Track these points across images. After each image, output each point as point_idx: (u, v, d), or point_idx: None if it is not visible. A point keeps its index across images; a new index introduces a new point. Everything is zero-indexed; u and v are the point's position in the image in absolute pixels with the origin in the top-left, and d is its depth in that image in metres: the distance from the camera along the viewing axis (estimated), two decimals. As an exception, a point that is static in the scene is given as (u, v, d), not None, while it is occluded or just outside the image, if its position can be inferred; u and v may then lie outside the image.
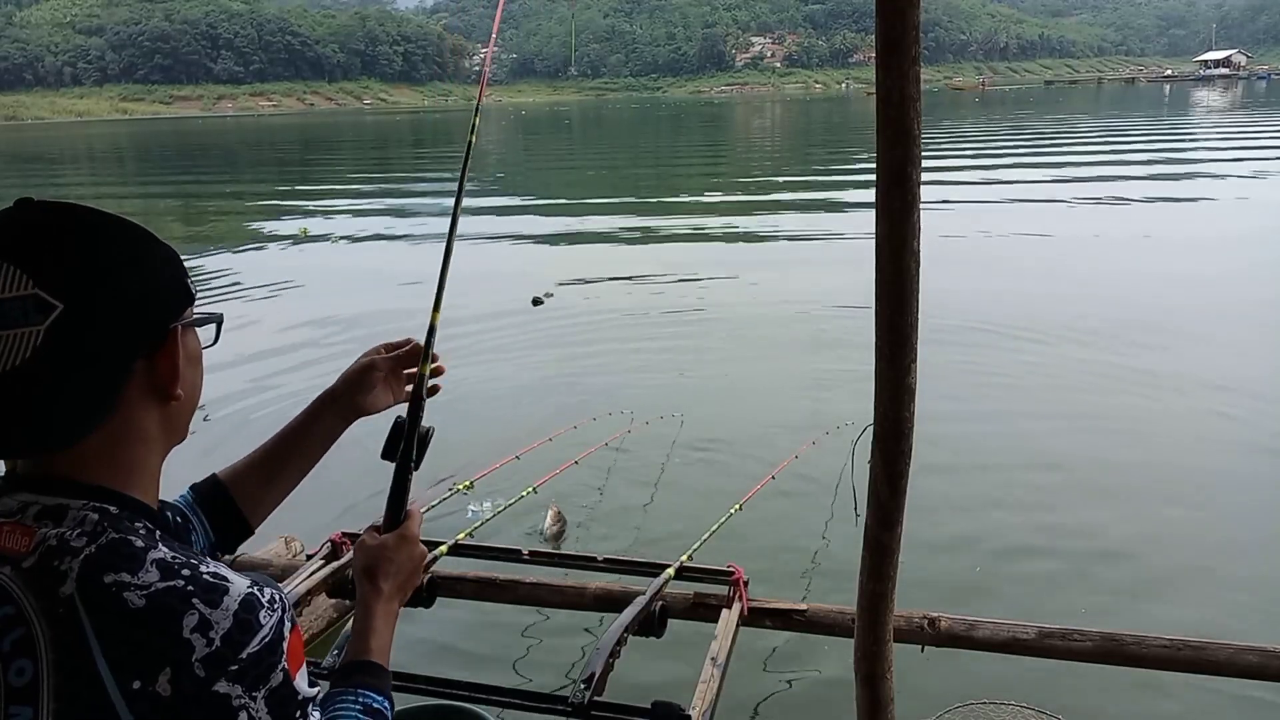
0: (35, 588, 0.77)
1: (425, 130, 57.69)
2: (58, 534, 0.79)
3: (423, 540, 1.21)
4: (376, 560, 1.14)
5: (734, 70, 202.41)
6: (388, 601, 1.13)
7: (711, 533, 2.75)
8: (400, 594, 1.16)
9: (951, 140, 27.57)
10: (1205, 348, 6.40)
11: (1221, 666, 2.16)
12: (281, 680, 0.81)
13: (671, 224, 13.65)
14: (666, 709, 1.84)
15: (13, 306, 0.79)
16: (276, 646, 0.81)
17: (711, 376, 6.12)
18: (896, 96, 1.25)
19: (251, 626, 0.79)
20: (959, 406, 5.25)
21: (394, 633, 1.14)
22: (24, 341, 0.79)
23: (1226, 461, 4.62)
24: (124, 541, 0.80)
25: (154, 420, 0.89)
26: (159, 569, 0.79)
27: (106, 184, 26.61)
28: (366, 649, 1.09)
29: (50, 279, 0.80)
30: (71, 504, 0.82)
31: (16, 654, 0.76)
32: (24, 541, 0.79)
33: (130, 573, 0.78)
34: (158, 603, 0.77)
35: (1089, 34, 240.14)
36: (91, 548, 0.78)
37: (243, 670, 0.78)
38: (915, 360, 1.40)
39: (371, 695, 1.04)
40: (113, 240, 0.86)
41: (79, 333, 0.81)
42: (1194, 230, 11.15)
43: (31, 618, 0.77)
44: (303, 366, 6.48)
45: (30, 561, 0.78)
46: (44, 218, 0.85)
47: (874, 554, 1.60)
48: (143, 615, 0.76)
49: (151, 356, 0.87)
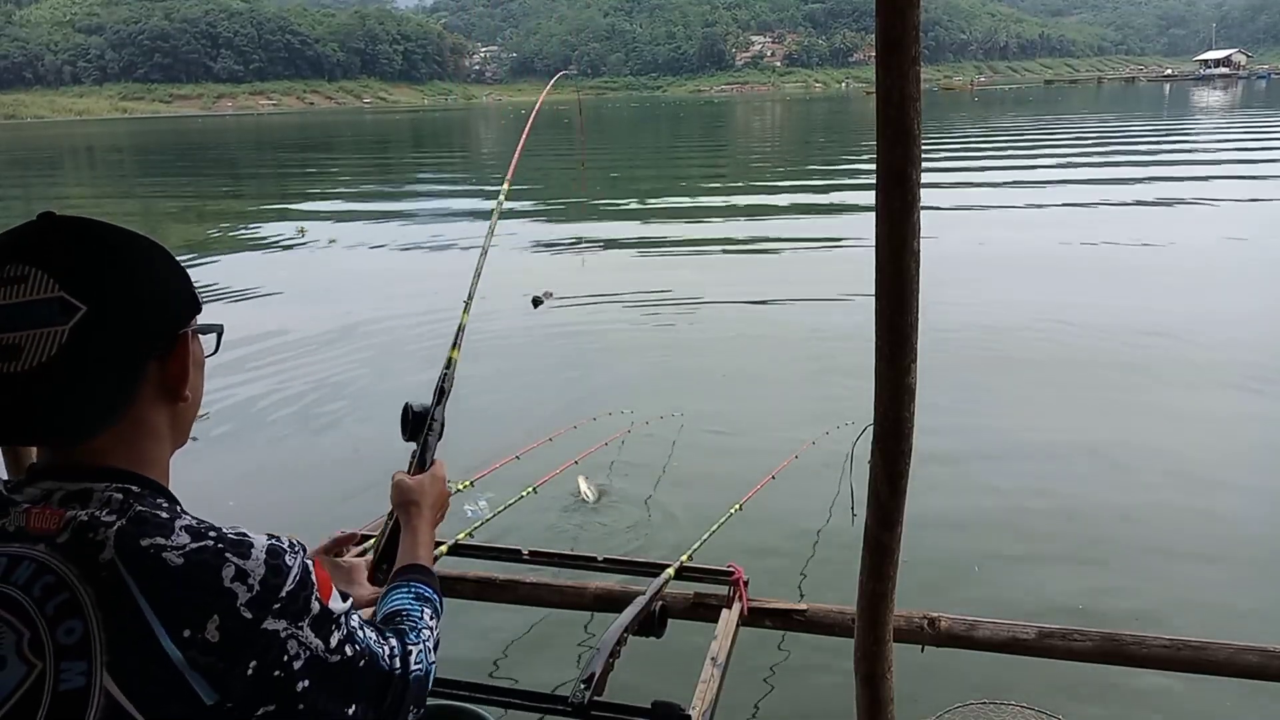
0: (74, 558, 0.83)
1: (425, 130, 57.72)
2: (86, 512, 0.85)
3: None
4: (414, 492, 1.36)
5: (734, 69, 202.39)
6: (427, 526, 1.35)
7: (711, 533, 2.75)
8: (435, 520, 1.38)
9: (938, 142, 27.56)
10: (1206, 347, 6.40)
11: (1221, 666, 2.16)
12: (319, 608, 0.91)
13: (671, 224, 13.65)
14: (666, 709, 1.84)
15: (40, 307, 0.86)
16: (307, 581, 0.90)
17: (712, 376, 6.12)
18: (896, 96, 1.24)
19: (281, 570, 0.88)
20: (959, 406, 5.25)
21: (433, 549, 1.35)
22: (50, 340, 0.86)
23: (1229, 460, 4.61)
24: (151, 514, 0.87)
25: (164, 419, 0.96)
26: (188, 533, 0.86)
27: (106, 184, 26.61)
28: (415, 556, 1.29)
29: (74, 283, 0.87)
30: (95, 487, 0.88)
31: (63, 616, 0.81)
32: (54, 522, 0.85)
33: (163, 537, 0.85)
34: (195, 560, 0.84)
35: (1089, 33, 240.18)
36: (122, 520, 0.85)
37: (284, 607, 0.87)
38: (915, 360, 1.40)
39: (421, 586, 1.22)
40: (130, 251, 0.93)
41: (100, 333, 0.87)
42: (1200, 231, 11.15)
43: (74, 583, 0.82)
44: (271, 373, 6.51)
45: (64, 538, 0.84)
46: (66, 229, 0.91)
47: (874, 554, 1.60)
48: (183, 571, 0.83)
49: (163, 359, 0.94)
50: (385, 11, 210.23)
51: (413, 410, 1.45)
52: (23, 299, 0.86)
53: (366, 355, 6.86)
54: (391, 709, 1.03)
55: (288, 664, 0.88)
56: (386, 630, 1.09)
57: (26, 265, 0.87)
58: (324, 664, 0.91)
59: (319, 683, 0.91)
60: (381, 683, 1.01)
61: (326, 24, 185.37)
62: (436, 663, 1.14)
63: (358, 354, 6.90)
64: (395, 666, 1.03)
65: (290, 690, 0.89)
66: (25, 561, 0.84)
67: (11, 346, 0.86)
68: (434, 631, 1.16)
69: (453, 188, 21.22)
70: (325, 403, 5.84)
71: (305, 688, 0.90)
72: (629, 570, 2.59)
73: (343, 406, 5.75)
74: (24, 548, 0.85)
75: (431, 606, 1.20)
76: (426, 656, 1.11)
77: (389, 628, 1.12)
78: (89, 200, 20.40)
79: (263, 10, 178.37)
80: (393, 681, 1.03)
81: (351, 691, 0.96)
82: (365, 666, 0.97)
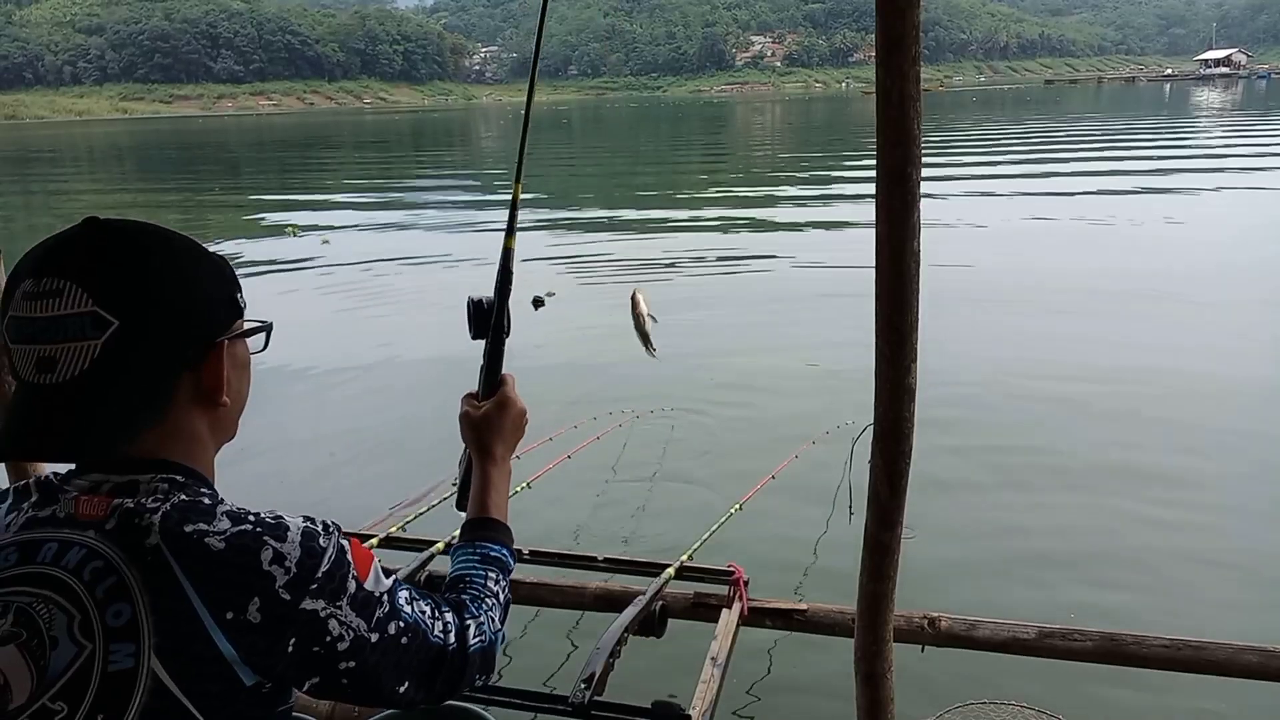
0: (121, 543, 0.86)
1: (425, 130, 57.72)
2: (134, 500, 0.88)
3: (419, 539, 1.28)
4: (483, 428, 1.27)
5: (734, 69, 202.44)
6: (500, 464, 1.27)
7: (711, 533, 2.74)
8: (510, 452, 1.29)
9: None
10: (1206, 347, 6.40)
11: (1221, 666, 2.16)
12: (356, 587, 0.93)
13: (671, 224, 13.65)
14: (666, 709, 1.84)
15: (74, 321, 0.88)
16: (342, 561, 0.92)
17: (712, 376, 6.11)
18: (896, 96, 1.25)
19: (316, 551, 0.90)
20: (960, 405, 5.25)
21: (509, 488, 1.29)
22: (84, 353, 0.88)
23: (1230, 458, 4.61)
24: (194, 501, 0.89)
25: (203, 423, 0.98)
26: (229, 518, 0.88)
27: (104, 184, 26.60)
28: (484, 508, 1.23)
29: (108, 298, 0.88)
30: (140, 478, 0.91)
31: (111, 599, 0.84)
32: (102, 509, 0.88)
33: (205, 523, 0.87)
34: (236, 544, 0.86)
35: (1089, 33, 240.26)
36: (166, 506, 0.87)
37: (321, 587, 0.89)
38: (915, 360, 1.40)
39: (488, 546, 1.19)
40: (167, 261, 0.93)
41: (132, 347, 0.89)
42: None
43: (122, 568, 0.85)
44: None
45: (111, 524, 0.87)
46: (106, 239, 0.92)
47: (874, 554, 1.60)
48: (225, 555, 0.85)
49: (197, 368, 0.96)
50: (385, 11, 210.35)
51: (473, 301, 1.34)
52: (58, 312, 0.88)
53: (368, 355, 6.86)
54: (449, 683, 1.04)
55: (330, 643, 0.90)
56: (444, 603, 1.08)
57: (63, 279, 0.88)
58: (366, 643, 0.93)
59: (362, 661, 0.93)
60: (433, 659, 1.02)
61: (326, 24, 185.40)
62: (503, 629, 1.13)
63: (314, 368, 6.91)
64: (450, 642, 1.03)
65: (333, 666, 0.91)
66: (75, 546, 0.86)
67: (48, 358, 0.88)
68: (500, 596, 1.15)
69: (452, 188, 21.20)
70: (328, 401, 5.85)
71: (349, 667, 0.92)
72: (629, 570, 2.59)
73: (348, 408, 5.76)
74: (73, 533, 0.87)
75: (497, 566, 1.18)
76: (489, 626, 1.10)
77: (450, 597, 1.12)
78: (89, 200, 20.39)
79: (263, 10, 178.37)
80: (447, 657, 1.03)
81: (400, 669, 0.97)
82: (410, 644, 0.98)
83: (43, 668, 0.82)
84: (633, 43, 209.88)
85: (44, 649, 0.83)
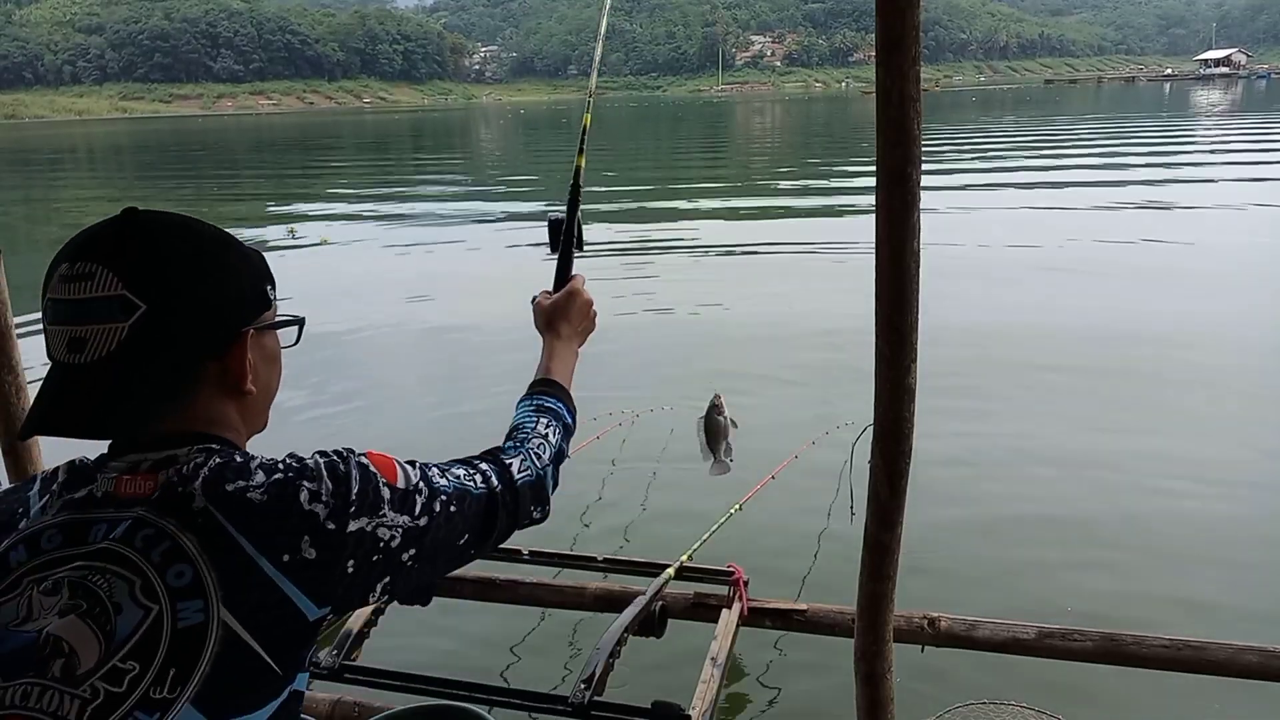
0: (170, 511, 0.89)
1: (425, 129, 57.70)
2: (175, 470, 0.92)
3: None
4: (552, 313, 1.43)
5: (734, 69, 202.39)
6: (568, 342, 1.42)
7: (711, 533, 2.75)
8: (579, 336, 1.45)
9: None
10: (1211, 350, 6.40)
11: (1221, 666, 2.16)
12: (390, 492, 0.98)
13: (671, 224, 13.64)
14: (666, 709, 1.84)
15: (103, 304, 0.91)
16: (368, 475, 0.97)
17: (712, 376, 6.10)
18: (896, 96, 1.25)
19: (342, 477, 0.95)
20: (959, 409, 5.25)
21: (574, 368, 1.41)
22: (112, 335, 0.91)
23: (1230, 457, 4.61)
24: (229, 461, 0.93)
25: (231, 410, 1.02)
26: (263, 470, 0.93)
27: (105, 184, 26.60)
28: (549, 371, 1.36)
29: (137, 282, 0.92)
30: (178, 452, 0.94)
31: (169, 562, 0.87)
32: (147, 485, 0.92)
33: (244, 479, 0.92)
34: (275, 493, 0.91)
35: (1089, 33, 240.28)
36: (205, 471, 0.92)
37: (359, 506, 0.95)
38: (915, 360, 1.40)
39: (544, 398, 1.31)
40: (198, 251, 0.97)
41: (158, 331, 0.92)
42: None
43: (175, 533, 0.88)
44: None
45: (156, 495, 0.91)
46: (141, 227, 0.96)
47: (874, 554, 1.60)
48: (268, 505, 0.91)
49: (223, 356, 0.99)
50: (385, 11, 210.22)
51: (552, 221, 1.53)
52: (90, 295, 0.91)
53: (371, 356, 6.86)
54: (508, 518, 1.13)
55: (383, 546, 0.96)
56: (479, 458, 1.17)
57: (95, 263, 0.92)
58: (417, 529, 0.99)
59: (421, 546, 1.00)
60: (484, 507, 1.10)
61: (326, 24, 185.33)
62: (554, 465, 1.23)
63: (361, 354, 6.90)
64: (494, 485, 1.12)
65: (396, 562, 0.98)
66: (123, 521, 0.90)
67: (78, 339, 0.92)
68: (552, 436, 1.25)
69: (452, 190, 21.20)
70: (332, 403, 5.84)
71: (410, 555, 0.99)
72: (629, 570, 2.59)
73: (351, 406, 5.76)
74: (118, 511, 0.91)
75: (550, 415, 1.28)
76: (535, 461, 1.20)
77: (492, 448, 1.21)
78: (89, 200, 20.39)
79: (263, 10, 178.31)
80: (496, 498, 1.11)
81: (455, 531, 1.05)
82: (459, 508, 1.05)
83: (109, 632, 0.85)
84: (632, 42, 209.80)
85: (108, 615, 0.86)
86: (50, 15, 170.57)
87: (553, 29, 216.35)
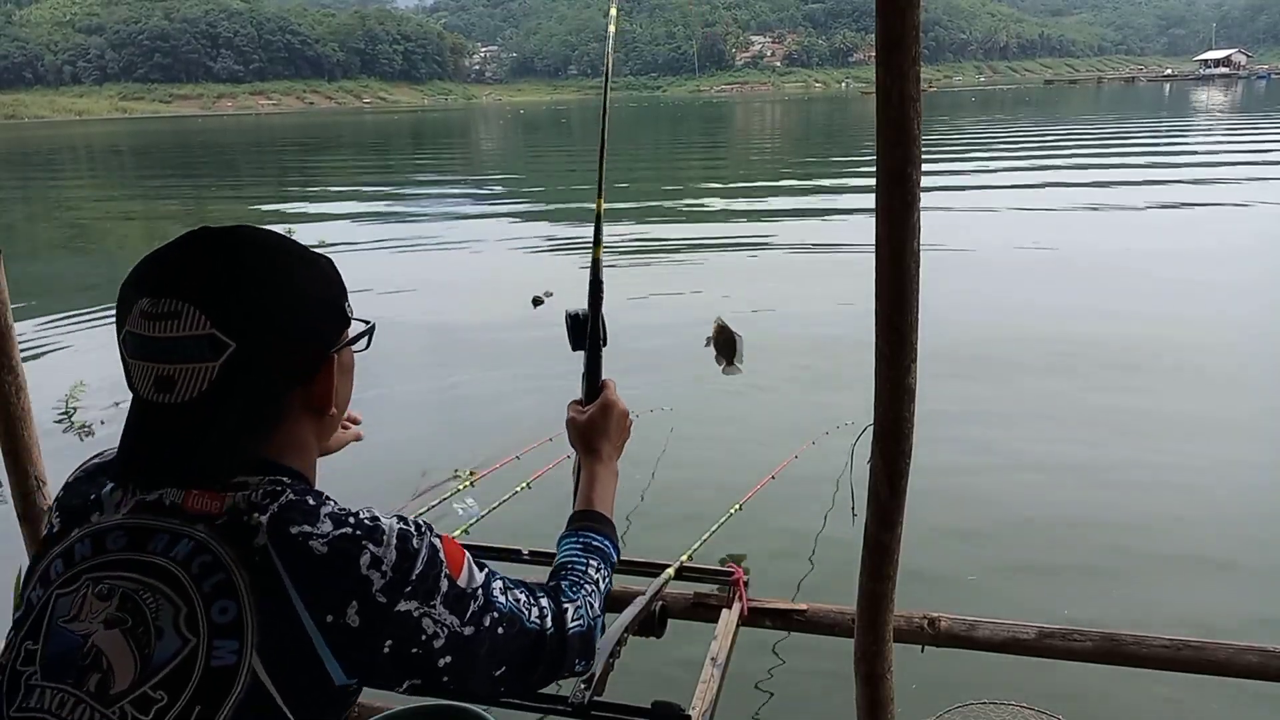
0: (230, 540, 0.88)
1: (425, 130, 57.69)
2: (244, 496, 0.90)
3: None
4: (588, 431, 1.37)
5: (734, 69, 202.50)
6: (607, 463, 1.35)
7: (711, 533, 2.74)
8: (617, 452, 1.38)
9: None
10: (1211, 353, 6.40)
11: (1221, 666, 2.16)
12: (448, 585, 0.95)
13: (671, 224, 13.65)
14: (666, 709, 1.83)
15: (193, 344, 0.89)
16: (435, 560, 0.94)
17: (711, 376, 6.10)
18: (896, 96, 1.25)
19: (410, 553, 0.92)
20: (959, 409, 5.25)
21: (616, 487, 1.35)
22: (202, 375, 0.89)
23: (1230, 458, 4.61)
24: (301, 501, 0.91)
25: (310, 431, 1.01)
26: (331, 520, 0.90)
27: (105, 183, 26.60)
28: (590, 501, 1.30)
29: (225, 320, 0.89)
30: (250, 479, 0.92)
31: (218, 595, 0.86)
32: (215, 505, 0.89)
33: (310, 525, 0.89)
34: (337, 548, 0.89)
35: (1089, 33, 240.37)
36: (275, 506, 0.89)
37: (415, 589, 0.92)
38: (915, 360, 1.40)
39: (591, 535, 1.25)
40: (283, 278, 0.95)
41: (248, 368, 0.90)
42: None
43: (230, 565, 0.87)
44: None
45: (223, 520, 0.89)
46: (222, 257, 0.92)
47: (874, 554, 1.60)
48: (327, 560, 0.88)
49: (310, 383, 0.98)
50: (385, 11, 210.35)
51: (570, 315, 1.47)
52: (178, 334, 0.89)
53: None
54: (551, 666, 1.08)
55: (426, 642, 0.93)
56: (541, 590, 1.12)
57: (181, 300, 0.89)
58: (461, 637, 0.96)
59: (460, 655, 0.96)
60: (531, 645, 1.05)
61: (326, 24, 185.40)
62: (603, 615, 1.17)
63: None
64: (547, 626, 1.07)
65: (432, 665, 0.94)
66: (185, 539, 0.88)
67: (166, 378, 0.89)
68: (601, 583, 1.19)
69: (451, 190, 21.20)
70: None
71: (447, 663, 0.95)
72: (628, 570, 2.58)
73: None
74: (183, 525, 0.89)
75: (599, 555, 1.22)
76: (588, 611, 1.14)
77: (549, 584, 1.16)
78: (89, 200, 20.40)
79: (263, 10, 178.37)
80: (544, 641, 1.06)
81: (495, 656, 1.00)
82: (507, 632, 1.01)
83: (147, 656, 0.84)
84: (632, 43, 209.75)
85: (149, 638, 0.85)
86: (50, 15, 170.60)
87: (553, 29, 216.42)
